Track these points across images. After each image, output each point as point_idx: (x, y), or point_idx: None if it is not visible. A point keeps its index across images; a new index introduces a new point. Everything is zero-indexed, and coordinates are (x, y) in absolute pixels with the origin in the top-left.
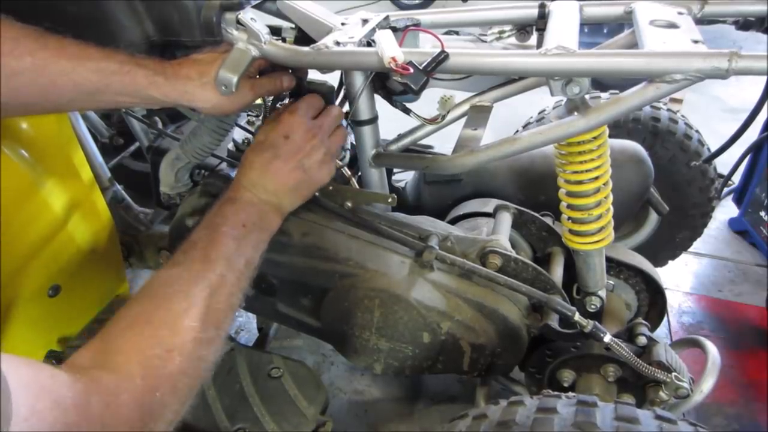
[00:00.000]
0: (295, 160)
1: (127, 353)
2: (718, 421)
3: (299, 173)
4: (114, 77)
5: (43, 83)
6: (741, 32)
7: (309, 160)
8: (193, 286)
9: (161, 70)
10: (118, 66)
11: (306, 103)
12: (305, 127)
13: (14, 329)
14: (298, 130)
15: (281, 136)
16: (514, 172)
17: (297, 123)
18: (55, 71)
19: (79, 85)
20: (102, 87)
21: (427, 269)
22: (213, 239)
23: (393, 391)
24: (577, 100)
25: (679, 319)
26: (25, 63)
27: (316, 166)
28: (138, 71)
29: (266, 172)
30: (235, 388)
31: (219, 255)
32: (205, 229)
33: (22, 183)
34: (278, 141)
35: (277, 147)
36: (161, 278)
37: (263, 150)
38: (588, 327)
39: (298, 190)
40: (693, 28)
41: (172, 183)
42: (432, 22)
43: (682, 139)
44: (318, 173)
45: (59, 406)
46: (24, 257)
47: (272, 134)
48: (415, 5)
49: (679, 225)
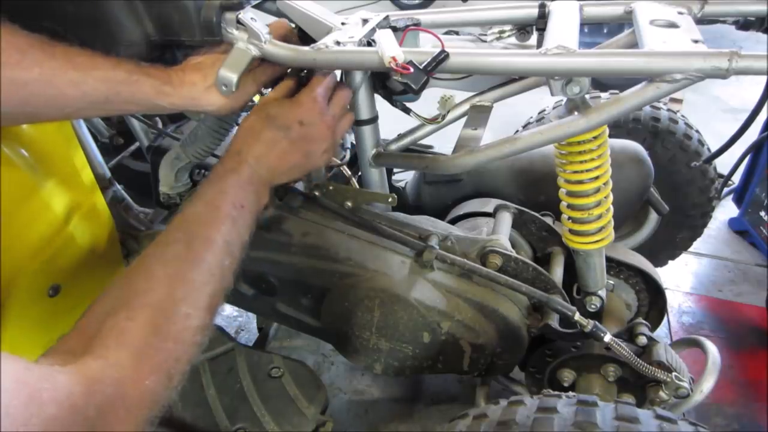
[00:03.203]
0: (304, 147)
1: (117, 338)
2: (718, 421)
3: (301, 158)
4: (122, 87)
5: (51, 93)
6: (741, 32)
7: (316, 148)
8: (192, 269)
9: (167, 79)
10: (126, 76)
11: (323, 87)
12: (321, 116)
13: (14, 329)
14: (314, 118)
15: (296, 121)
16: (514, 172)
17: (316, 110)
18: (64, 82)
19: (87, 94)
20: (110, 96)
21: (427, 269)
22: (215, 218)
23: (393, 391)
24: (577, 99)
25: (679, 319)
26: (33, 74)
27: (319, 154)
28: (145, 81)
29: (272, 150)
30: (235, 387)
31: (219, 237)
32: (206, 205)
33: (22, 183)
34: (293, 125)
35: (290, 129)
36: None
37: (274, 127)
38: (588, 327)
39: (294, 172)
40: (693, 28)
41: (172, 183)
42: (432, 22)
43: (682, 139)
44: (319, 160)
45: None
46: (24, 257)
47: (288, 115)
48: (415, 5)
49: (679, 225)
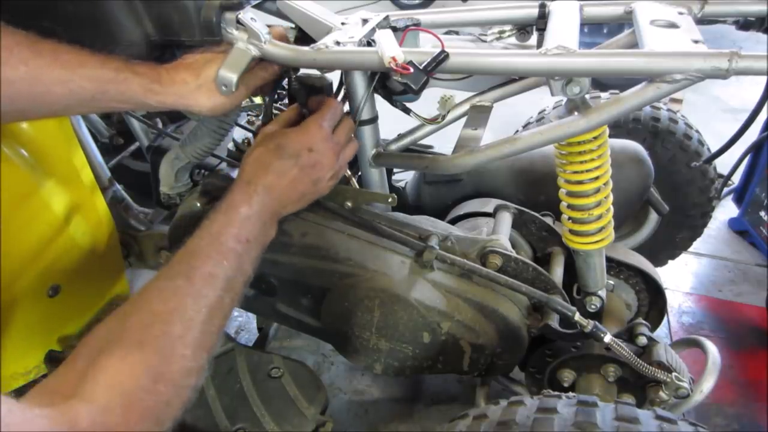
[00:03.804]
0: (313, 175)
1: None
2: (718, 421)
3: (310, 185)
4: (109, 85)
5: (38, 91)
6: (741, 32)
7: (323, 175)
8: (191, 306)
9: (157, 77)
10: (113, 74)
11: (331, 113)
12: (329, 143)
13: (14, 329)
14: (322, 145)
15: (305, 148)
16: (514, 172)
17: (322, 137)
18: (50, 80)
19: (74, 92)
20: (97, 95)
21: (427, 269)
22: (218, 253)
23: (393, 391)
24: (577, 100)
25: (679, 319)
26: (19, 72)
27: (326, 181)
28: (134, 79)
29: (282, 179)
30: (235, 388)
31: (222, 273)
32: (211, 239)
33: (22, 183)
34: (302, 151)
35: (299, 157)
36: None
37: (285, 156)
38: (588, 327)
39: (302, 201)
40: (693, 28)
41: (172, 183)
42: (432, 22)
43: (682, 139)
44: (325, 188)
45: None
46: (24, 257)
47: (297, 142)
48: (415, 5)
49: (679, 225)
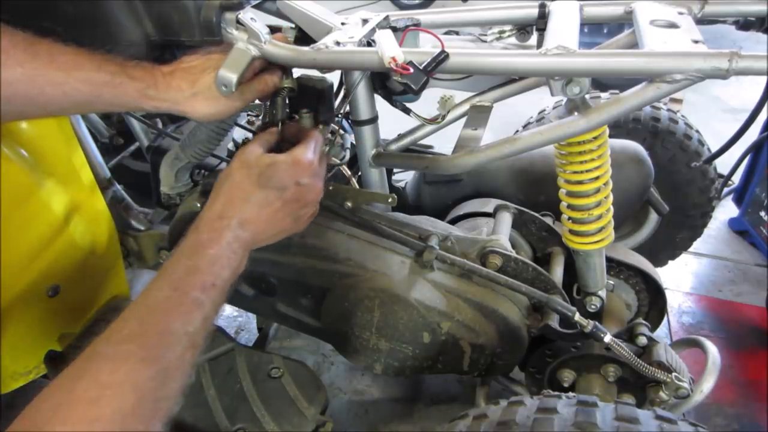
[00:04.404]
0: (297, 211)
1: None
2: (718, 421)
3: (290, 222)
4: (104, 89)
5: (33, 93)
6: (741, 32)
7: (305, 212)
8: (145, 372)
9: (153, 82)
10: (109, 78)
11: (318, 145)
12: (317, 178)
13: (14, 329)
14: (311, 179)
15: (294, 181)
16: (514, 172)
17: (312, 171)
18: (45, 82)
19: (69, 95)
20: (92, 98)
21: (427, 269)
22: (178, 305)
23: (393, 391)
24: (577, 100)
25: (679, 319)
26: (15, 74)
27: (305, 218)
28: (129, 84)
29: (262, 212)
30: (235, 388)
31: (181, 328)
32: (170, 289)
33: (22, 183)
34: (290, 185)
35: (286, 190)
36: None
37: (269, 186)
38: (588, 327)
39: (276, 237)
40: (693, 28)
41: (172, 183)
42: (432, 22)
43: (682, 139)
44: (303, 225)
45: None
46: (24, 257)
47: (285, 173)
48: (415, 5)
49: (679, 225)
